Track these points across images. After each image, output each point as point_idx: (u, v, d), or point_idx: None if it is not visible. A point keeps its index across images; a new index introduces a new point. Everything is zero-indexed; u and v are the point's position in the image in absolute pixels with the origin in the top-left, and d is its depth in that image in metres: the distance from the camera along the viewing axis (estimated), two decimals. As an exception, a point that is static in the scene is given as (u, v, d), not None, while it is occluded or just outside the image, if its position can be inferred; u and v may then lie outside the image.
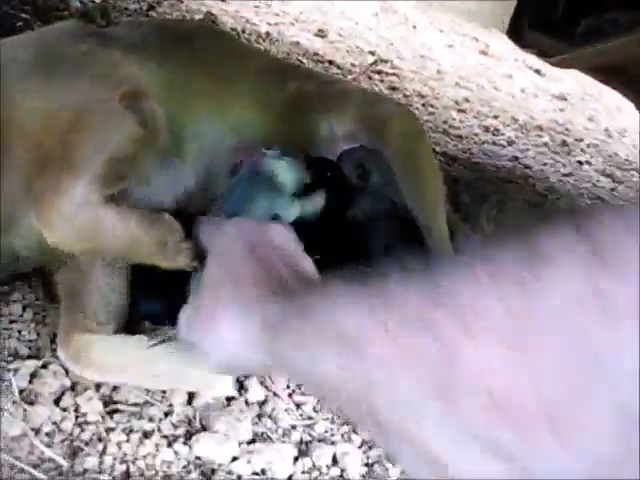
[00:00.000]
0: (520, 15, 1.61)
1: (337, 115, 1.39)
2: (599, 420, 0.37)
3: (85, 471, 0.80)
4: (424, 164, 1.39)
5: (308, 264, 0.76)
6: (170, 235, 1.01)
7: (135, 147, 1.04)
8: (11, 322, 1.01)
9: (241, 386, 1.01)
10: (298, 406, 1.03)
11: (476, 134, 2.37)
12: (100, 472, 0.80)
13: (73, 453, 0.83)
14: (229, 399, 0.99)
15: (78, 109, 1.00)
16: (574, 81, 3.83)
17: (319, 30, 3.01)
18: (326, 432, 0.99)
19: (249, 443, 0.92)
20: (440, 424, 0.41)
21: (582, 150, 2.61)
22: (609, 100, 3.67)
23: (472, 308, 0.41)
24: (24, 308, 1.04)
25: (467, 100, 2.72)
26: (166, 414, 0.93)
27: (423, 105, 2.50)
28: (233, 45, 1.49)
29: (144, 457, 0.84)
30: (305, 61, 2.56)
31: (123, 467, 0.82)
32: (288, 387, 1.04)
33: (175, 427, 0.91)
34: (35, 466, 0.79)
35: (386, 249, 1.29)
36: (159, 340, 0.95)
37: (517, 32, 1.62)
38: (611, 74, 1.34)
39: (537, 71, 3.79)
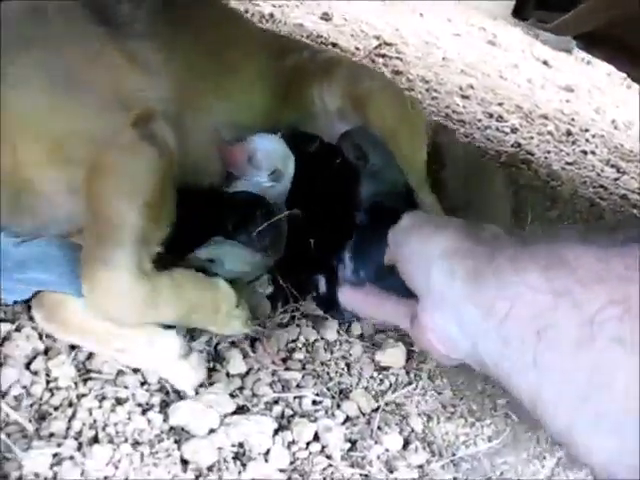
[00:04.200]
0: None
1: (327, 88, 1.36)
2: None
3: (51, 435, 0.77)
4: (407, 139, 1.37)
5: None
6: (223, 302, 0.96)
7: (163, 183, 0.91)
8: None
9: (222, 358, 0.98)
10: (282, 381, 0.99)
11: (479, 120, 2.33)
12: (66, 437, 0.77)
13: (41, 417, 0.80)
14: (210, 370, 0.95)
15: (94, 143, 0.86)
16: (581, 73, 3.78)
17: (324, 13, 2.96)
18: (309, 408, 0.96)
19: (227, 415, 0.88)
20: None
21: (587, 140, 2.57)
22: (616, 93, 3.62)
23: None
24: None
25: (471, 87, 2.68)
26: (142, 383, 0.90)
27: (427, 90, 2.46)
28: (233, 22, 1.45)
29: (115, 424, 0.81)
30: (309, 43, 2.51)
31: (92, 432, 0.79)
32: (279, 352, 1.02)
33: (151, 396, 0.87)
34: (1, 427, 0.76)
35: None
36: None
37: (522, 10, 1.58)
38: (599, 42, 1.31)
39: (544, 62, 3.75)
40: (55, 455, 0.74)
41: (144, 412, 0.84)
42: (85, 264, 0.84)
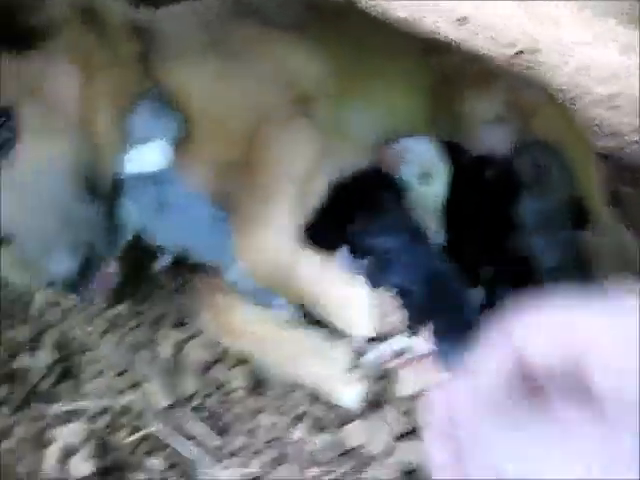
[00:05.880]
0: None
1: (483, 96, 1.30)
2: None
3: (235, 452, 0.75)
4: (578, 151, 1.30)
5: None
6: (357, 301, 0.91)
7: (315, 158, 0.97)
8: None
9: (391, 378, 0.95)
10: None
11: (631, 132, 2.21)
12: (250, 452, 0.75)
13: (223, 431, 0.79)
14: (380, 390, 0.92)
15: (260, 115, 0.95)
16: None
17: (459, 18, 2.91)
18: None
19: (401, 436, 0.85)
20: None
21: None
22: None
23: None
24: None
25: (616, 96, 2.55)
26: (315, 398, 0.87)
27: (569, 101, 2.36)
28: (368, 21, 1.42)
29: (295, 442, 0.79)
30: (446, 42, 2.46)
31: (274, 452, 0.77)
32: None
33: (324, 412, 0.85)
34: (189, 438, 0.75)
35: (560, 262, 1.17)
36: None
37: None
38: None
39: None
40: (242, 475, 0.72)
41: (321, 430, 0.82)
42: (239, 223, 0.89)
